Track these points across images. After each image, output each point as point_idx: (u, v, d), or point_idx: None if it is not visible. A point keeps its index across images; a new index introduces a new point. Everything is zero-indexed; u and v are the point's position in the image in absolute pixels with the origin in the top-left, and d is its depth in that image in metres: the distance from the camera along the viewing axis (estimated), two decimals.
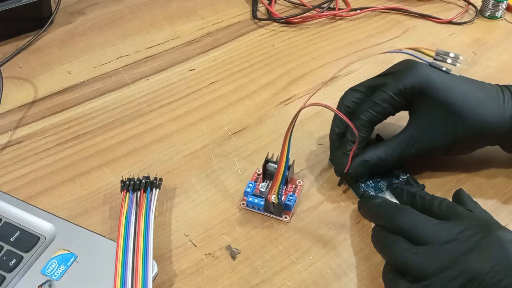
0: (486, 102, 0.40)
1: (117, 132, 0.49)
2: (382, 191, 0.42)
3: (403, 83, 0.40)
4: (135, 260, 0.35)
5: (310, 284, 0.37)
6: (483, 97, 0.41)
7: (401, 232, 0.35)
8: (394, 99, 0.40)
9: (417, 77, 0.40)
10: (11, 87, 0.54)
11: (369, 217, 0.40)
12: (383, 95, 0.41)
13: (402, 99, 0.41)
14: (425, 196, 0.38)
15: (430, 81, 0.40)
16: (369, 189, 0.42)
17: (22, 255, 0.37)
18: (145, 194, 0.39)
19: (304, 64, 0.57)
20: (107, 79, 0.55)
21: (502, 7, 0.63)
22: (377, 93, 0.41)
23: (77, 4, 0.67)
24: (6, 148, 0.47)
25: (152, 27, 0.63)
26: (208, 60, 0.58)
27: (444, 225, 0.34)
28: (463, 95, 0.40)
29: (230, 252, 0.39)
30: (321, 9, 0.64)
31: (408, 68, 0.41)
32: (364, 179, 0.43)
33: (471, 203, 0.37)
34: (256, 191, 0.42)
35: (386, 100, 0.41)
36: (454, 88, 0.40)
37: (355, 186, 0.43)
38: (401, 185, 0.42)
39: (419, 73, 0.40)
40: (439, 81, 0.40)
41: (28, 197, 0.43)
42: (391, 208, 0.38)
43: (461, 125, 0.40)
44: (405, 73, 0.41)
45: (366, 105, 0.41)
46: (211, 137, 0.48)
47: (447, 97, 0.40)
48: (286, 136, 0.38)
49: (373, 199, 0.39)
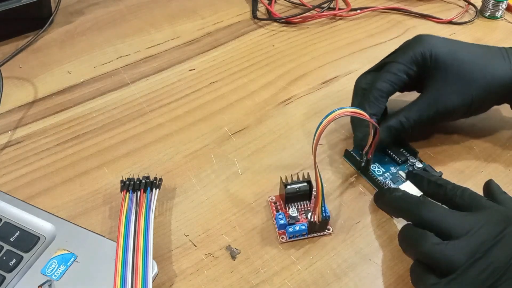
0: (493, 58, 0.43)
1: (117, 132, 0.49)
2: (401, 183, 0.42)
3: (413, 51, 0.43)
4: (135, 260, 0.35)
5: (310, 284, 0.37)
6: (489, 55, 0.43)
7: (426, 226, 0.35)
8: (407, 67, 0.43)
9: (426, 45, 0.43)
10: (11, 87, 0.54)
11: (389, 210, 0.40)
12: (396, 65, 0.43)
13: (415, 66, 0.43)
14: (447, 185, 0.38)
15: (438, 47, 0.43)
16: (388, 181, 0.43)
17: (22, 255, 0.37)
18: (145, 194, 0.39)
19: (304, 64, 0.57)
20: (107, 79, 0.55)
21: (502, 7, 0.63)
22: (390, 64, 0.43)
23: (77, 4, 0.66)
24: (6, 148, 0.47)
25: (152, 27, 0.63)
26: (208, 60, 0.58)
27: (468, 217, 0.35)
28: (471, 55, 0.43)
29: (230, 252, 0.39)
30: (321, 9, 0.64)
31: (416, 39, 0.44)
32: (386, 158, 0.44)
33: (501, 195, 0.38)
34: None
35: (400, 69, 0.43)
36: (461, 50, 0.43)
37: (372, 178, 0.43)
38: (420, 172, 0.42)
39: (427, 41, 0.43)
40: (447, 46, 0.43)
41: (28, 197, 0.43)
42: (413, 202, 0.38)
43: (474, 84, 0.42)
44: (414, 44, 0.44)
45: (381, 77, 0.43)
46: (211, 137, 0.48)
47: (457, 59, 0.42)
48: (314, 155, 0.36)
49: (393, 192, 0.39)
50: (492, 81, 0.42)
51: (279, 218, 0.40)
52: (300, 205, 0.41)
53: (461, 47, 0.44)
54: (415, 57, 0.43)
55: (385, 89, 0.43)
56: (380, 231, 0.41)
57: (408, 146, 0.45)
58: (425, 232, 0.35)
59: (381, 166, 0.44)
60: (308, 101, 0.52)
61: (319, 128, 0.35)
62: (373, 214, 0.42)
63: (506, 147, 0.47)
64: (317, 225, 0.39)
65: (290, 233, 0.39)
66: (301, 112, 0.51)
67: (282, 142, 0.48)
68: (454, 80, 0.42)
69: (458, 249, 0.33)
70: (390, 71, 0.43)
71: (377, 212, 0.42)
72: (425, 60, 0.43)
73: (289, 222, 0.40)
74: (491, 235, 0.33)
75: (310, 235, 0.40)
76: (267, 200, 0.42)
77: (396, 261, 0.39)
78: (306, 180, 0.40)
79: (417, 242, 0.35)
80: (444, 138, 0.47)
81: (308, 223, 0.39)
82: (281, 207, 0.41)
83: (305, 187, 0.40)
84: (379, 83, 0.43)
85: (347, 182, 0.44)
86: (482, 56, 0.44)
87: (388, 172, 0.44)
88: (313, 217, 0.39)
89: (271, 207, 0.42)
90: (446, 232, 0.34)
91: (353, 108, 0.37)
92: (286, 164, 0.46)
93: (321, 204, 0.38)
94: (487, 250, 0.32)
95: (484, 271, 0.32)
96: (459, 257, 0.33)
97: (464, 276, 0.32)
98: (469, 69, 0.42)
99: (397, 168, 0.44)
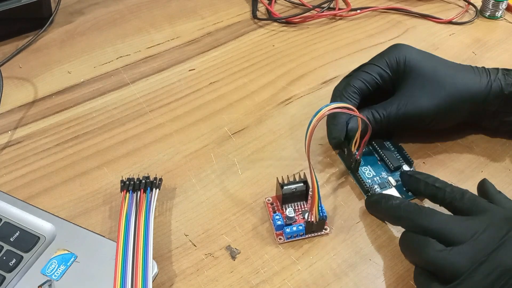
0: (465, 71, 0.44)
1: (117, 132, 0.49)
2: (387, 188, 0.42)
3: (388, 56, 0.45)
4: (135, 260, 0.35)
5: (310, 284, 0.37)
6: (461, 68, 0.45)
7: (427, 233, 0.35)
8: (381, 68, 0.45)
9: (401, 51, 0.45)
10: (11, 87, 0.54)
11: (386, 218, 0.40)
12: (372, 66, 0.46)
13: (388, 70, 0.45)
14: (445, 188, 0.38)
15: (413, 54, 0.45)
16: (375, 186, 0.42)
17: (22, 255, 0.37)
18: (145, 194, 0.39)
19: (304, 64, 0.57)
20: (107, 79, 0.55)
21: (502, 7, 0.63)
22: (365, 65, 0.46)
23: (77, 4, 0.66)
24: (6, 148, 0.47)
25: (152, 27, 0.63)
26: (208, 60, 0.58)
27: (470, 221, 0.35)
28: (443, 65, 0.45)
29: (230, 252, 0.39)
30: (321, 9, 0.64)
31: (392, 47, 0.46)
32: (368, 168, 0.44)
33: (496, 195, 0.37)
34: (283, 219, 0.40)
35: (374, 70, 0.45)
36: (434, 60, 0.45)
37: (359, 180, 0.43)
38: (415, 174, 0.41)
39: (403, 49, 0.46)
40: (420, 55, 0.45)
41: (28, 197, 0.43)
42: (413, 209, 0.37)
43: (444, 89, 0.43)
44: (390, 50, 0.46)
45: (355, 75, 0.45)
46: (211, 137, 0.48)
47: (429, 66, 0.44)
48: (308, 155, 0.36)
49: (389, 200, 0.39)
50: (462, 89, 0.43)
51: (276, 219, 0.40)
52: (297, 205, 0.41)
53: (435, 58, 0.46)
54: (389, 61, 0.45)
55: (357, 85, 0.45)
56: (380, 231, 0.41)
57: (404, 155, 0.45)
58: (427, 239, 0.35)
59: (373, 169, 0.44)
60: (308, 101, 0.52)
61: (310, 127, 0.35)
62: None
63: (506, 147, 0.47)
64: (314, 225, 0.39)
65: (287, 233, 0.39)
66: (301, 112, 0.51)
67: (282, 142, 0.48)
68: (425, 84, 0.43)
69: (462, 255, 0.33)
70: (364, 70, 0.45)
71: None
72: (399, 65, 0.45)
73: (286, 222, 0.40)
74: (494, 239, 0.33)
75: (308, 235, 0.40)
76: (264, 201, 0.42)
77: (396, 261, 0.39)
78: (303, 180, 0.40)
79: (420, 249, 0.35)
80: (444, 138, 0.47)
81: (305, 223, 0.39)
82: (278, 208, 0.41)
83: (302, 188, 0.40)
84: (353, 80, 0.45)
85: (347, 182, 0.44)
86: (455, 67, 0.45)
87: (378, 176, 0.44)
88: (310, 217, 0.39)
89: (268, 208, 0.42)
90: (448, 239, 0.34)
91: (340, 104, 0.37)
92: (286, 164, 0.46)
93: (318, 204, 0.38)
94: (490, 254, 0.32)
95: (489, 275, 0.32)
96: (463, 262, 0.33)
97: (468, 282, 0.32)
98: (441, 76, 0.44)
99: (388, 174, 0.44)
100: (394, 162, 0.44)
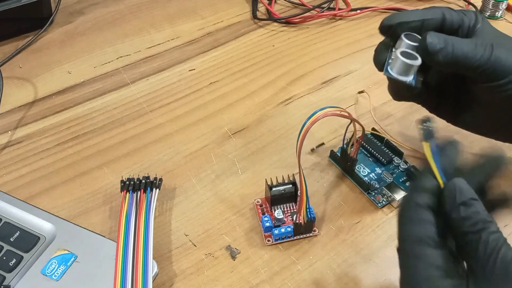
0: None
1: (117, 132, 0.49)
2: (386, 182, 0.43)
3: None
4: (135, 260, 0.35)
5: (310, 284, 0.37)
6: None
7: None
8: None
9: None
10: (11, 87, 0.54)
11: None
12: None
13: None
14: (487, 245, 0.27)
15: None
16: (373, 182, 0.43)
17: (22, 255, 0.37)
18: (145, 194, 0.39)
19: (304, 64, 0.57)
20: (107, 79, 0.55)
21: (502, 7, 0.63)
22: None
23: (77, 4, 0.67)
24: (6, 148, 0.47)
25: (152, 27, 0.63)
26: (208, 60, 0.58)
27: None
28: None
29: (230, 252, 0.39)
30: (321, 9, 0.64)
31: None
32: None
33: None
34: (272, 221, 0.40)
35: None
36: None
37: (358, 179, 0.43)
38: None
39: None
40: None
41: (28, 197, 0.43)
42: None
43: None
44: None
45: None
46: (211, 137, 0.48)
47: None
48: (298, 158, 0.36)
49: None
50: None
51: (265, 221, 0.40)
52: (286, 207, 0.41)
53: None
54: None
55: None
56: (380, 231, 0.41)
57: (394, 147, 0.45)
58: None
59: (366, 166, 0.44)
60: (308, 101, 0.52)
61: (303, 130, 0.35)
62: (373, 214, 0.42)
63: (506, 147, 0.47)
64: (302, 227, 0.39)
65: (276, 235, 0.39)
66: (301, 112, 0.51)
67: (282, 142, 0.48)
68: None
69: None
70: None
71: (377, 212, 0.42)
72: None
73: (274, 224, 0.40)
74: None
75: (296, 237, 0.40)
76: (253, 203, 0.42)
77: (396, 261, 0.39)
78: (291, 182, 0.40)
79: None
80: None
81: (294, 225, 0.39)
82: (267, 209, 0.41)
83: (290, 189, 0.40)
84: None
85: (345, 183, 0.44)
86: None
87: (373, 173, 0.44)
88: (298, 218, 0.38)
89: (257, 209, 0.41)
90: None
91: (335, 108, 0.36)
92: (286, 164, 0.46)
93: (306, 206, 0.38)
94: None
95: None
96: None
97: None
98: None
99: (382, 169, 0.44)
100: (385, 156, 0.44)
